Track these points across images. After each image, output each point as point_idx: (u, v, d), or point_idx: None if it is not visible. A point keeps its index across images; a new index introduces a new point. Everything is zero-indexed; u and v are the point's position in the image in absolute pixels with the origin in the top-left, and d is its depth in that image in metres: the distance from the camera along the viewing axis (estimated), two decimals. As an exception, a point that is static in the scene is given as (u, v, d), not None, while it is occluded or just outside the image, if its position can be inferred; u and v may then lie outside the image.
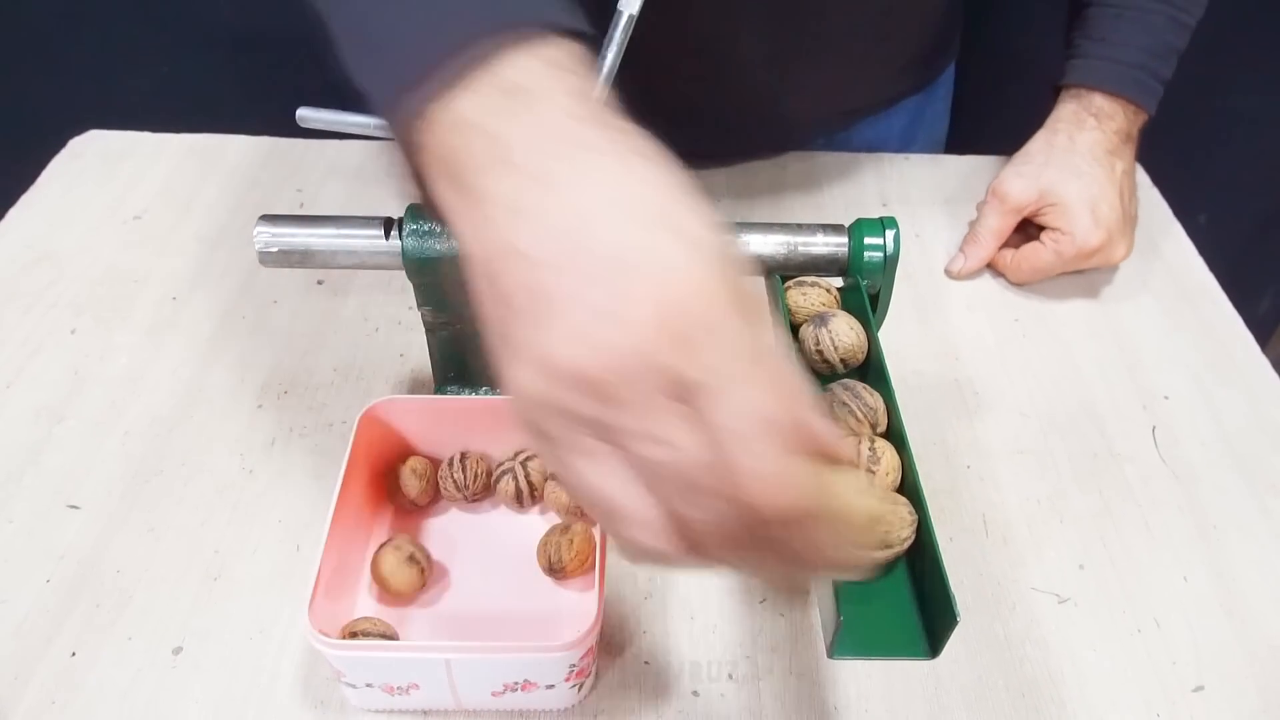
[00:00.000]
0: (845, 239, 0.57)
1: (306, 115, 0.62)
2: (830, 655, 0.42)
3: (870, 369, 0.54)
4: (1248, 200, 1.44)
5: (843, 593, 0.41)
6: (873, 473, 0.47)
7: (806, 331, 0.53)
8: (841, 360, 0.53)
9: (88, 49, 1.24)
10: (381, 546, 0.52)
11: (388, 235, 0.56)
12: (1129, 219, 0.74)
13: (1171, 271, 0.78)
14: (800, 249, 0.57)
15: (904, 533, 0.44)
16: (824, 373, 0.54)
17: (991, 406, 0.66)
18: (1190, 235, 0.82)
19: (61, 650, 0.51)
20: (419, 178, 0.34)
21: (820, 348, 0.53)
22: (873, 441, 0.48)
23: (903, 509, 0.44)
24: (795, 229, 0.57)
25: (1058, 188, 0.72)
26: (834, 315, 0.53)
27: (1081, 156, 0.73)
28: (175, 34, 1.23)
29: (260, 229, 0.56)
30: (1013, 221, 0.75)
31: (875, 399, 0.51)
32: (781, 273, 0.58)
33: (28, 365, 0.66)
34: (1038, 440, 0.64)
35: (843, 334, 0.52)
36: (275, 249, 0.56)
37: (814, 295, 0.56)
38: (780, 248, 0.56)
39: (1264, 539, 0.58)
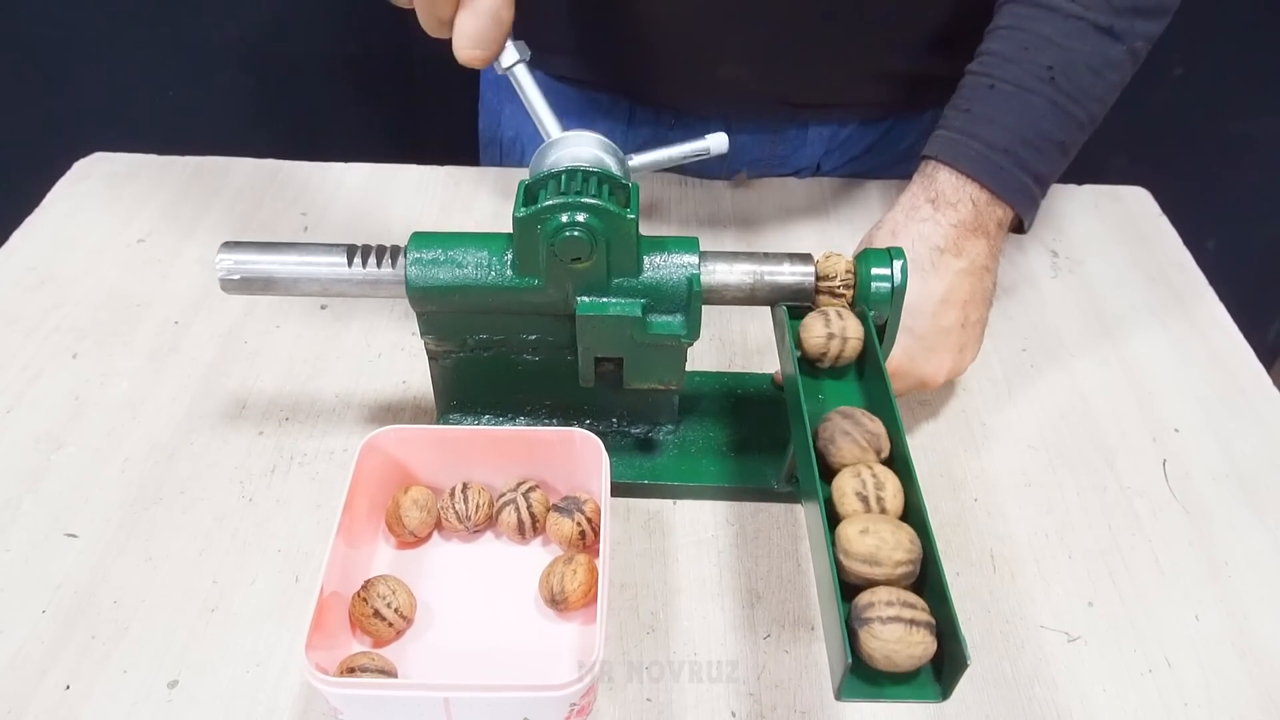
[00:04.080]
0: (811, 268, 0.56)
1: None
2: (838, 697, 0.41)
3: (876, 399, 0.53)
4: (1257, 225, 1.44)
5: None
6: (881, 499, 0.46)
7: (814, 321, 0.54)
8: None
9: (93, 72, 1.24)
10: (355, 594, 0.52)
11: (350, 263, 0.55)
12: (954, 329, 0.61)
13: (1181, 302, 0.77)
14: (766, 278, 0.56)
15: (898, 555, 0.43)
16: (827, 356, 0.54)
17: (999, 438, 0.65)
18: (1198, 260, 0.81)
19: (56, 683, 0.50)
20: None
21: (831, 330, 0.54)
22: (873, 469, 0.47)
23: (905, 536, 0.44)
24: (761, 258, 0.56)
25: None
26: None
27: (915, 253, 0.61)
28: (180, 57, 1.24)
29: (222, 256, 0.55)
30: None
31: (876, 424, 0.50)
32: (789, 304, 0.57)
33: (28, 390, 0.66)
34: (1046, 473, 0.63)
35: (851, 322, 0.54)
36: (237, 276, 0.55)
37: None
38: (746, 277, 0.56)
39: (1276, 576, 0.58)
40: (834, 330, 0.54)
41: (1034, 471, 0.63)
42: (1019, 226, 0.66)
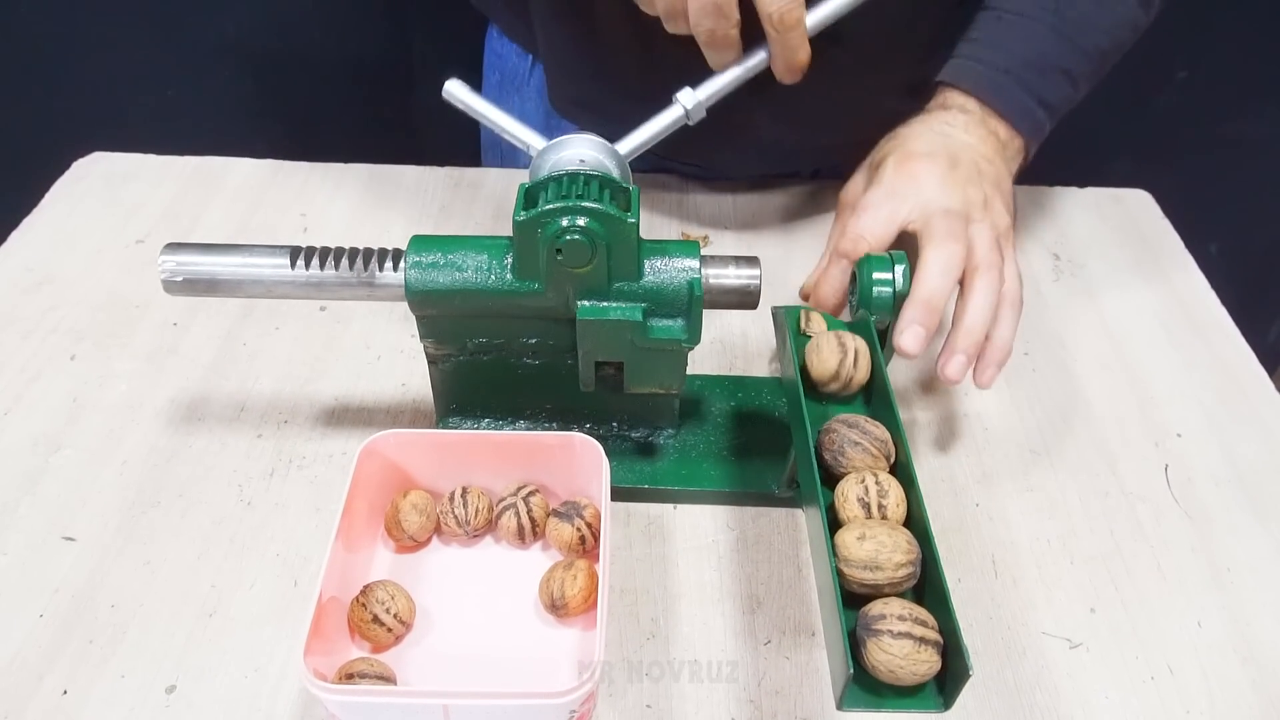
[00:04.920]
0: (757, 271, 0.55)
1: (454, 91, 0.62)
2: (839, 707, 0.41)
3: (878, 404, 0.53)
4: (1259, 228, 1.44)
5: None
6: (883, 506, 0.46)
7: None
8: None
9: (92, 71, 1.24)
10: (354, 600, 0.51)
11: (294, 265, 0.55)
12: (986, 188, 0.62)
13: (1183, 305, 0.77)
14: (711, 281, 0.55)
15: (897, 557, 0.43)
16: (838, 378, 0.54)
17: (1001, 442, 0.65)
18: (1200, 264, 0.81)
19: (53, 688, 0.50)
20: None
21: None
22: (877, 476, 0.47)
23: (902, 538, 0.44)
24: (706, 260, 0.55)
25: (900, 144, 0.64)
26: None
27: (923, 128, 0.65)
28: (180, 57, 1.24)
29: (165, 258, 0.55)
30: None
31: (881, 430, 0.50)
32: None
33: (26, 392, 0.66)
34: (1048, 478, 0.63)
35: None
36: (180, 278, 0.55)
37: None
38: None
39: (1279, 582, 0.57)
40: (846, 346, 0.53)
41: (1035, 476, 0.63)
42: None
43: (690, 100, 0.59)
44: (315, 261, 0.55)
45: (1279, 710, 0.51)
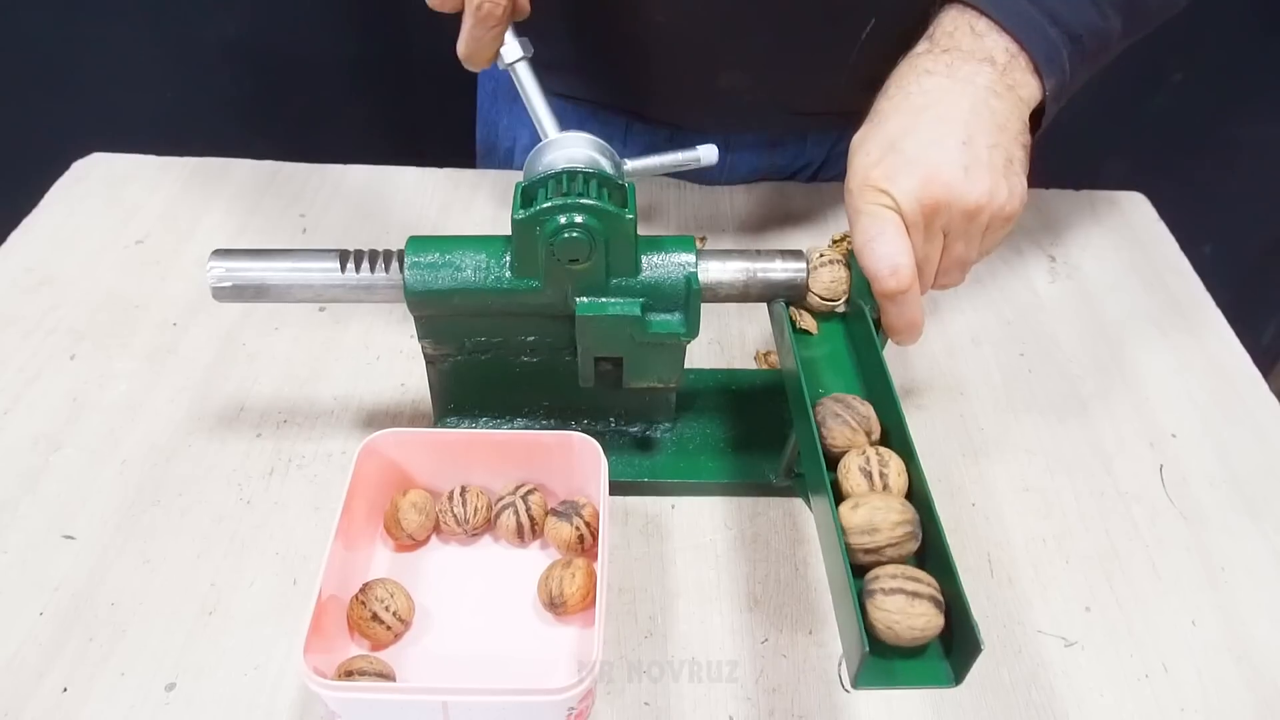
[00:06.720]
0: (803, 265, 0.56)
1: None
2: (854, 686, 0.41)
3: (876, 391, 0.53)
4: (1253, 229, 1.44)
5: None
6: (884, 475, 0.46)
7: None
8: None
9: (92, 72, 1.24)
10: (353, 598, 0.52)
11: (344, 268, 0.55)
12: (944, 143, 0.53)
13: (1178, 308, 0.77)
14: (759, 275, 0.56)
15: (892, 516, 0.43)
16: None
17: (997, 443, 0.65)
18: (1195, 266, 0.81)
19: (53, 686, 0.50)
20: None
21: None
22: (878, 450, 0.48)
23: (895, 501, 0.44)
24: (754, 255, 0.56)
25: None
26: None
27: (896, 90, 0.57)
28: (180, 57, 1.24)
29: (213, 264, 0.55)
30: None
31: (866, 408, 0.50)
32: (786, 299, 0.57)
33: (26, 392, 0.66)
34: (1043, 478, 0.63)
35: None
36: (229, 284, 0.55)
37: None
38: (739, 274, 0.56)
39: (1273, 582, 0.58)
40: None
41: (1031, 477, 0.63)
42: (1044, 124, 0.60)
43: (512, 54, 0.59)
44: (365, 265, 0.55)
45: (1272, 708, 0.52)
